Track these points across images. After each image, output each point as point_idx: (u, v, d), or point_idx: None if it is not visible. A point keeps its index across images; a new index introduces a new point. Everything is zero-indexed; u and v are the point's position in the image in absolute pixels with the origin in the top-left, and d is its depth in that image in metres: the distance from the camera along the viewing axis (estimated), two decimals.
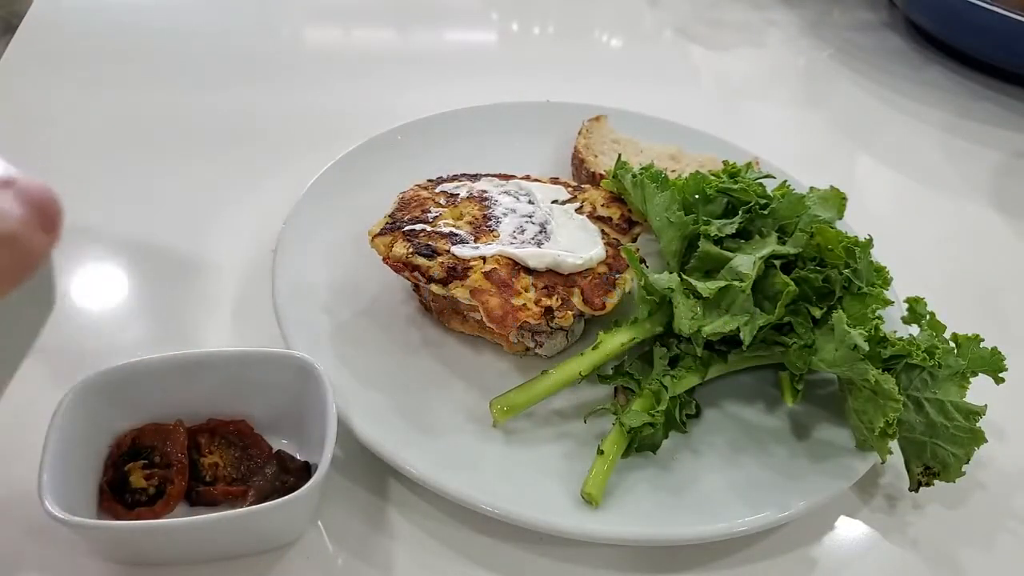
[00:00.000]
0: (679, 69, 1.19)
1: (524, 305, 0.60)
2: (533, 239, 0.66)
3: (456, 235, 0.65)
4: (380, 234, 0.66)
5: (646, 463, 0.58)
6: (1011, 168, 1.05)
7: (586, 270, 0.64)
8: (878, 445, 0.57)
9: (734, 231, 0.64)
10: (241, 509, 0.48)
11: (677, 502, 0.56)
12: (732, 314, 0.58)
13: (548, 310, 0.61)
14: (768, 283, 0.59)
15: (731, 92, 1.16)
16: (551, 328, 0.63)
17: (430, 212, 0.68)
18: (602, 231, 0.69)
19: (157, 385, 0.54)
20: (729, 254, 0.61)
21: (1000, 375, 0.60)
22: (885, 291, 0.61)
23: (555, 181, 0.75)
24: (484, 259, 0.63)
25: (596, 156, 0.84)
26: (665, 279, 0.59)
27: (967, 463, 0.57)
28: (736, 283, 0.58)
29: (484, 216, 0.68)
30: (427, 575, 0.53)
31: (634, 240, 0.71)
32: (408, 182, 0.74)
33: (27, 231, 0.34)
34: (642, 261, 0.67)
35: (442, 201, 0.70)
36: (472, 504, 0.53)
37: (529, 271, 0.63)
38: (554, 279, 0.63)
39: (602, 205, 0.72)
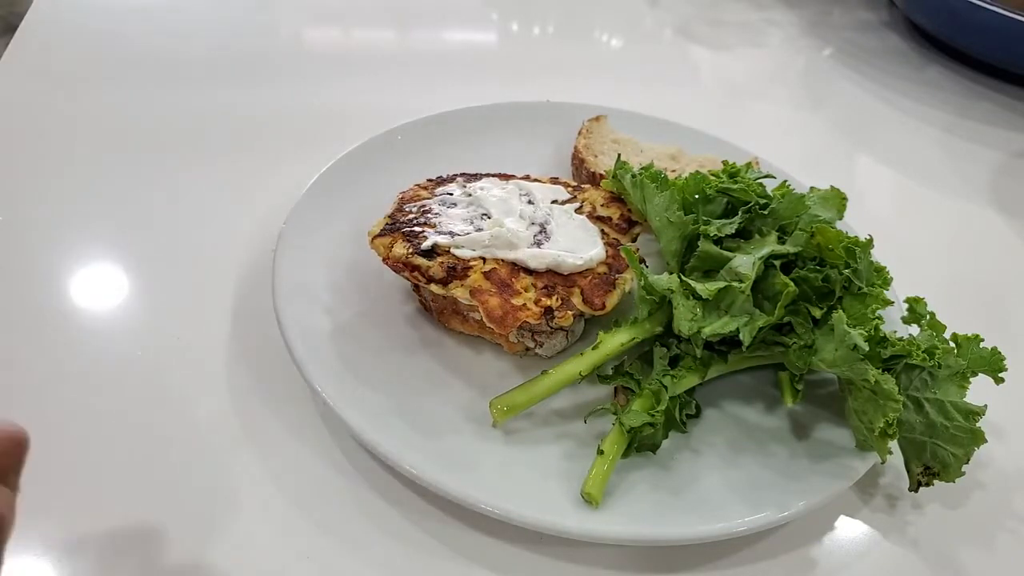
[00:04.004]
0: (679, 69, 1.19)
1: (524, 305, 0.60)
2: (533, 239, 0.66)
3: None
4: (380, 235, 0.66)
5: (646, 463, 0.58)
6: (1011, 168, 1.05)
7: (586, 270, 0.64)
8: (878, 445, 0.57)
9: (734, 231, 0.64)
10: None
11: (677, 502, 0.56)
12: (732, 315, 0.58)
13: (548, 310, 0.61)
14: (768, 283, 0.59)
15: (731, 92, 1.16)
16: (551, 328, 0.63)
17: (430, 212, 0.68)
18: (602, 231, 0.69)
19: None
20: (729, 254, 0.61)
21: (1000, 375, 0.60)
22: (885, 291, 0.61)
23: (555, 181, 0.75)
24: (484, 259, 0.63)
25: (596, 156, 0.84)
26: (665, 279, 0.59)
27: (967, 463, 0.57)
28: (736, 284, 0.58)
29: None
30: (427, 575, 0.53)
31: (634, 240, 0.71)
32: (408, 182, 0.74)
33: None
34: (642, 261, 0.67)
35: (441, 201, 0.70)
36: (472, 504, 0.53)
37: (529, 271, 0.63)
38: (554, 279, 0.63)
39: (602, 205, 0.72)
